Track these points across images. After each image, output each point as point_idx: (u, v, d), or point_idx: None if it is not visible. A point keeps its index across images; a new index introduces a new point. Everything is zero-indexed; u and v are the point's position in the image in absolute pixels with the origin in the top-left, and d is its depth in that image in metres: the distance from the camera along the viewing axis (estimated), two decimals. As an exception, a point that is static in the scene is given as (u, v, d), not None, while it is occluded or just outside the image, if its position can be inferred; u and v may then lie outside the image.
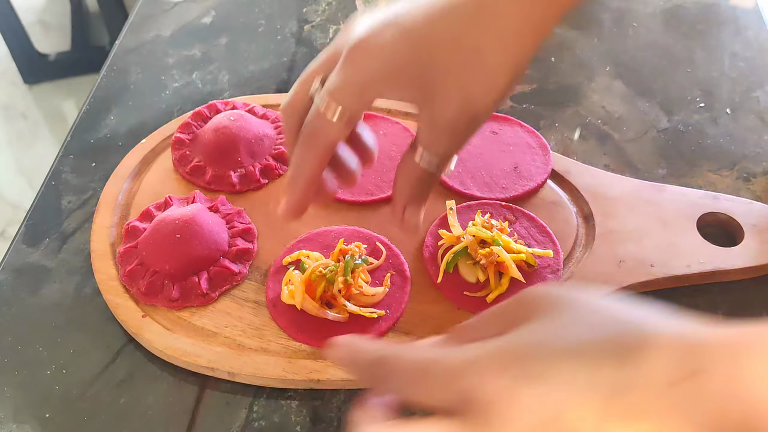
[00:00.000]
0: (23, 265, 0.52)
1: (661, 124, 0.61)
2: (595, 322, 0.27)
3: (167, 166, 0.57)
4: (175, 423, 0.43)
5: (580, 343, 0.26)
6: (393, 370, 0.29)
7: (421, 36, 0.35)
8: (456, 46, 0.35)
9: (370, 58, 0.36)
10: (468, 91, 0.36)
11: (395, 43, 0.35)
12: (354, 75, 0.36)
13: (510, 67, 0.36)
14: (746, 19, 0.72)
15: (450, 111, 0.36)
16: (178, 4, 0.78)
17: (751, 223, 0.51)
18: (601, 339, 0.26)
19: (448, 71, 0.36)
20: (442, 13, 0.35)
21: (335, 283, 0.45)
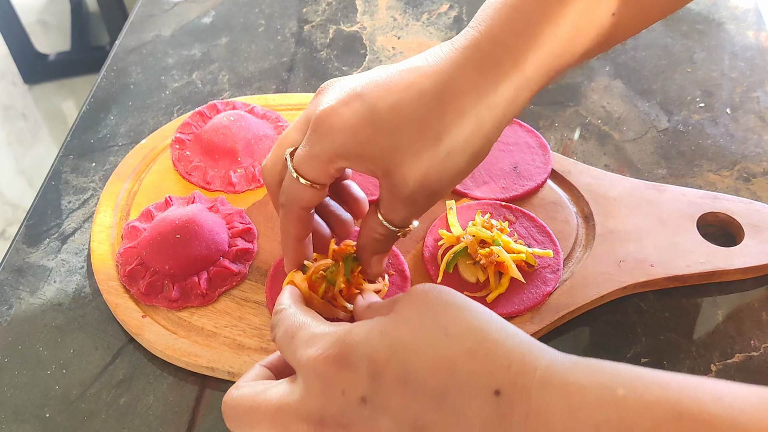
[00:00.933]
0: (23, 265, 0.52)
1: (661, 124, 0.61)
2: (427, 334, 0.31)
3: (167, 166, 0.57)
4: (175, 423, 0.43)
5: (401, 348, 0.31)
6: (279, 323, 0.36)
7: (383, 117, 0.36)
8: (416, 130, 0.36)
9: (332, 132, 0.37)
10: (425, 172, 0.37)
11: (358, 121, 0.37)
12: (318, 150, 0.38)
13: (469, 153, 0.37)
14: (746, 19, 0.72)
15: (408, 188, 0.38)
16: (178, 4, 0.78)
17: (751, 223, 0.51)
18: (432, 358, 0.30)
19: (407, 152, 0.37)
20: (406, 96, 0.37)
21: (336, 284, 0.45)
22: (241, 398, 0.34)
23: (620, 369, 0.28)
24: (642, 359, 0.45)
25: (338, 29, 0.74)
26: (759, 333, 0.46)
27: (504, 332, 0.31)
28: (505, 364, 0.29)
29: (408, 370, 0.30)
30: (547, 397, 0.28)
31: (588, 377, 0.28)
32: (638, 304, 0.48)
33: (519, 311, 0.46)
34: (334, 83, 0.39)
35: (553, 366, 0.29)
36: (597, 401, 0.27)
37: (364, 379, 0.30)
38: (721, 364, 0.45)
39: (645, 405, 0.26)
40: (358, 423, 0.30)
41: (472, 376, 0.29)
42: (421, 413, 0.29)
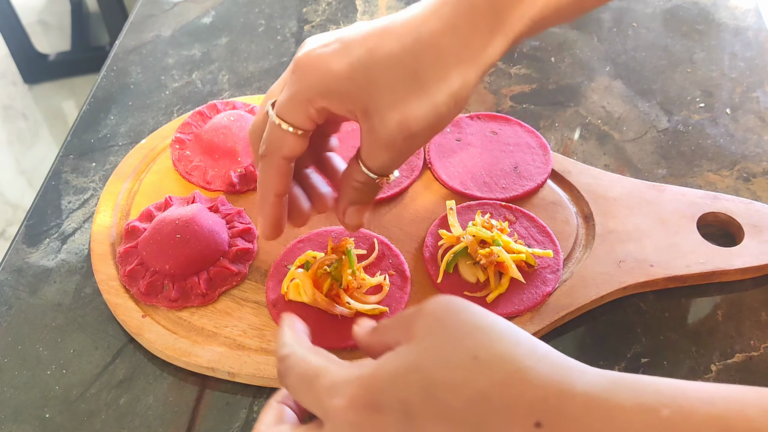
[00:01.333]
0: (23, 265, 0.52)
1: (661, 124, 0.61)
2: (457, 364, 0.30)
3: (167, 166, 0.57)
4: (175, 423, 0.43)
5: (432, 385, 0.29)
6: (289, 370, 0.34)
7: (361, 56, 0.37)
8: (394, 67, 0.36)
9: (311, 73, 0.37)
10: (405, 111, 0.37)
11: (336, 59, 0.37)
12: (296, 89, 0.38)
13: (449, 95, 0.37)
14: (746, 19, 0.72)
15: (387, 128, 0.37)
16: (178, 4, 0.78)
17: (751, 223, 0.51)
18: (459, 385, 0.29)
19: (386, 90, 0.37)
20: (383, 38, 0.37)
21: (344, 277, 0.45)
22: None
23: (661, 386, 0.27)
24: (642, 359, 0.45)
25: (338, 29, 0.74)
26: (759, 333, 0.46)
27: (535, 356, 0.30)
28: (541, 395, 0.28)
29: (442, 406, 0.29)
30: (590, 423, 0.27)
31: (630, 398, 0.27)
32: (638, 304, 0.48)
33: (519, 311, 0.46)
34: (316, 35, 0.40)
35: (591, 389, 0.28)
36: (642, 425, 0.26)
37: (399, 423, 0.29)
38: (721, 364, 0.45)
39: (692, 426, 0.26)
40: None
41: (509, 408, 0.28)
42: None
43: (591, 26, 0.73)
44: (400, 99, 0.37)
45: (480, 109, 0.63)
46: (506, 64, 0.68)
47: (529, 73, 0.67)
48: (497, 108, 0.63)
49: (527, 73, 0.67)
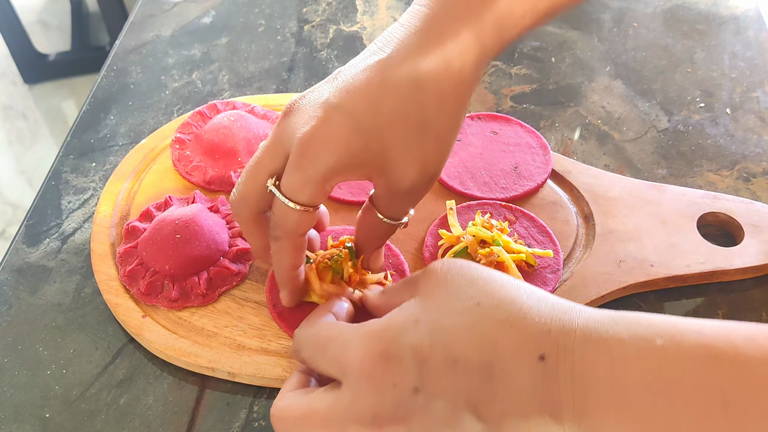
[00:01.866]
0: (23, 265, 0.52)
1: (661, 124, 0.61)
2: (461, 310, 0.32)
3: (167, 166, 0.57)
4: (175, 423, 0.43)
5: (440, 331, 0.32)
6: (302, 344, 0.36)
7: (368, 122, 0.36)
8: (402, 124, 0.37)
9: (323, 152, 0.36)
10: (422, 159, 0.38)
11: (346, 133, 0.36)
12: (311, 172, 0.37)
13: (454, 125, 0.38)
14: (746, 19, 0.72)
15: (408, 180, 0.38)
16: (178, 4, 0.78)
17: (751, 223, 0.51)
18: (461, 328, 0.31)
19: (399, 148, 0.37)
20: (381, 95, 0.36)
21: (345, 269, 0.45)
22: (289, 410, 0.34)
23: (656, 320, 0.29)
24: (642, 359, 0.45)
25: (338, 29, 0.74)
26: (759, 333, 0.46)
27: (535, 298, 0.32)
28: (545, 329, 0.30)
29: (452, 351, 0.31)
30: (589, 353, 0.29)
31: (626, 330, 0.29)
32: (638, 304, 0.48)
33: (519, 311, 0.46)
34: (301, 101, 0.39)
35: (590, 324, 0.30)
36: (637, 353, 0.28)
37: (412, 370, 0.31)
38: (721, 364, 0.45)
39: (683, 352, 0.28)
40: (414, 413, 0.31)
41: (514, 345, 0.30)
42: (472, 389, 0.30)
43: (591, 26, 0.73)
44: (416, 150, 0.37)
45: (480, 109, 0.63)
46: (506, 65, 0.68)
47: (529, 73, 0.67)
48: (497, 108, 0.63)
49: (527, 73, 0.67)
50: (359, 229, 0.44)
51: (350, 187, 0.54)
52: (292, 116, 0.38)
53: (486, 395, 0.30)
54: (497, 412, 0.30)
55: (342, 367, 0.33)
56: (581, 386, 0.29)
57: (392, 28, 0.38)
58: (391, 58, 0.37)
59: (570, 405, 0.29)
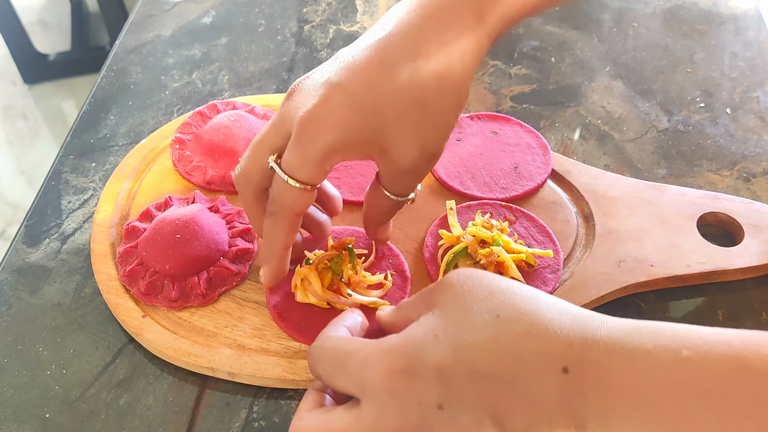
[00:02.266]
0: (23, 265, 0.52)
1: (661, 124, 0.61)
2: (481, 324, 0.31)
3: (167, 166, 0.57)
4: (175, 423, 0.43)
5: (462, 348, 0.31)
6: (318, 360, 0.35)
7: (367, 101, 0.37)
8: (401, 102, 0.37)
9: (323, 129, 0.37)
10: (421, 139, 0.38)
11: (345, 112, 0.37)
12: (311, 149, 0.37)
13: (455, 104, 0.38)
14: (746, 19, 0.72)
15: (409, 158, 0.38)
16: (178, 4, 0.78)
17: (751, 223, 0.51)
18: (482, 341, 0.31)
19: (399, 127, 0.37)
20: (380, 73, 0.37)
21: (345, 271, 0.45)
22: (309, 430, 0.33)
23: (680, 330, 0.29)
24: (642, 359, 0.45)
25: (338, 29, 0.74)
26: (759, 333, 0.46)
27: (555, 310, 0.31)
28: (567, 342, 0.30)
29: (475, 366, 0.31)
30: (615, 364, 0.29)
31: (651, 341, 0.29)
32: (638, 304, 0.48)
33: (519, 311, 0.46)
34: (304, 81, 0.39)
35: (613, 334, 0.30)
36: (664, 363, 0.28)
37: (435, 386, 0.31)
38: (721, 364, 0.45)
39: (711, 362, 0.27)
40: (439, 429, 0.30)
41: (537, 358, 0.30)
42: (497, 402, 0.30)
43: (591, 26, 0.73)
44: (414, 128, 0.37)
45: (480, 109, 0.63)
46: (506, 65, 0.68)
47: (529, 73, 0.67)
48: (497, 108, 0.63)
49: (527, 73, 0.67)
50: (367, 205, 0.44)
51: (350, 187, 0.54)
52: (295, 96, 0.39)
53: (510, 409, 0.30)
54: (522, 425, 0.30)
55: (362, 385, 0.32)
56: (607, 396, 0.29)
57: (395, 7, 0.38)
58: (391, 37, 0.37)
59: (596, 414, 0.29)
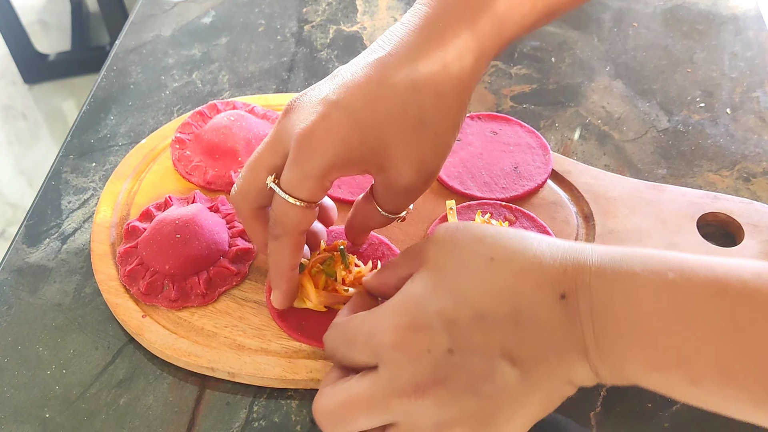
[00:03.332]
0: (23, 265, 0.52)
1: (661, 124, 0.61)
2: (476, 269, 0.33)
3: (167, 166, 0.57)
4: (175, 423, 0.43)
5: (461, 292, 0.32)
6: (334, 348, 0.37)
7: (366, 118, 0.37)
8: (400, 122, 0.37)
9: (321, 147, 0.37)
10: (419, 158, 0.38)
11: (344, 129, 0.37)
12: (310, 167, 0.37)
13: (453, 125, 0.39)
14: (746, 19, 0.72)
15: (406, 178, 0.39)
16: (178, 4, 0.78)
17: (751, 223, 0.51)
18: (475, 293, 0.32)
19: (397, 145, 0.37)
20: (380, 92, 0.37)
21: (338, 272, 0.45)
22: (329, 402, 0.34)
23: (667, 255, 0.31)
24: (642, 359, 0.45)
25: (338, 29, 0.74)
26: (759, 333, 0.46)
27: (545, 243, 0.33)
28: (560, 269, 0.31)
29: (477, 307, 0.32)
30: (605, 287, 0.30)
31: (639, 265, 0.30)
32: (638, 304, 0.48)
33: (519, 311, 0.46)
34: (302, 98, 0.39)
35: (604, 259, 0.31)
36: (650, 286, 0.30)
37: (442, 333, 0.32)
38: (721, 364, 0.45)
39: (694, 285, 0.29)
40: (452, 373, 0.31)
41: (535, 290, 0.31)
42: (504, 339, 0.31)
43: (591, 26, 0.73)
44: (413, 148, 0.38)
45: (480, 109, 0.63)
46: (506, 64, 0.68)
47: (529, 73, 0.67)
48: (497, 108, 0.63)
49: (527, 73, 0.67)
50: (355, 214, 0.44)
51: (350, 186, 0.54)
52: (292, 114, 0.38)
53: (517, 342, 0.31)
54: (530, 355, 0.31)
55: (374, 350, 0.33)
56: (599, 319, 0.30)
57: (393, 27, 0.38)
58: (391, 56, 0.37)
59: (591, 339, 0.31)
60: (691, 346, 0.29)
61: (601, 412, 0.42)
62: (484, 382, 0.31)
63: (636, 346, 0.30)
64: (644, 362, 0.30)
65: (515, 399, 0.32)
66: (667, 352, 0.29)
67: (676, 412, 0.42)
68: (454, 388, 0.31)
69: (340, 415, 0.34)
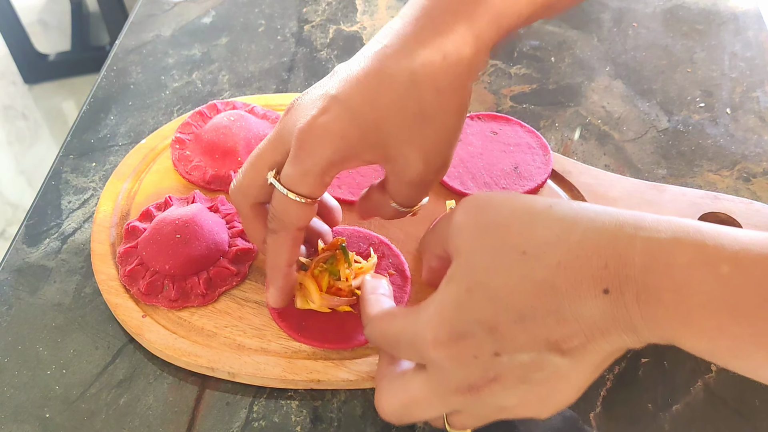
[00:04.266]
0: (23, 265, 0.52)
1: (661, 124, 0.61)
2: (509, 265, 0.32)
3: (167, 166, 0.57)
4: (175, 423, 0.43)
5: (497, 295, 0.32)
6: (376, 341, 0.37)
7: (366, 114, 0.37)
8: (400, 116, 0.37)
9: (321, 143, 0.37)
10: (424, 151, 0.38)
11: (343, 124, 0.37)
12: (310, 163, 0.37)
13: (456, 116, 0.38)
14: (746, 19, 0.72)
15: (414, 169, 0.38)
16: (178, 4, 0.78)
17: (751, 223, 0.51)
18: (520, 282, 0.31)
19: (399, 139, 0.37)
20: (379, 86, 0.37)
21: (341, 270, 0.45)
22: (392, 403, 0.36)
23: (724, 240, 0.29)
24: (642, 359, 0.45)
25: (338, 29, 0.74)
26: (759, 333, 0.46)
27: (580, 229, 0.31)
28: (601, 264, 0.30)
29: (516, 310, 0.31)
30: (653, 281, 0.29)
31: (690, 256, 0.29)
32: (638, 304, 0.48)
33: (519, 311, 0.46)
34: (303, 97, 0.39)
35: (651, 248, 0.29)
36: (702, 280, 0.28)
37: (486, 339, 0.31)
38: (721, 364, 0.45)
39: (750, 281, 0.27)
40: (503, 371, 0.32)
41: (575, 285, 0.30)
42: (548, 334, 0.31)
43: (591, 26, 0.73)
44: (416, 138, 0.37)
45: (480, 109, 0.63)
46: (506, 64, 0.68)
47: (529, 73, 0.67)
48: (497, 108, 0.63)
49: (527, 73, 0.67)
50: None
51: (350, 186, 0.54)
52: (294, 111, 0.39)
53: (563, 334, 0.31)
54: (578, 344, 0.31)
55: (420, 356, 0.34)
56: (648, 310, 0.29)
57: (392, 21, 0.39)
58: (388, 49, 0.37)
59: (640, 321, 0.30)
60: (747, 345, 0.28)
61: (601, 412, 0.42)
62: (535, 372, 0.32)
63: (690, 337, 0.29)
64: (700, 350, 0.30)
65: (568, 377, 0.32)
66: (722, 347, 0.29)
67: (677, 412, 0.42)
68: (507, 383, 0.32)
69: (404, 414, 0.35)
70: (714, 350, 0.29)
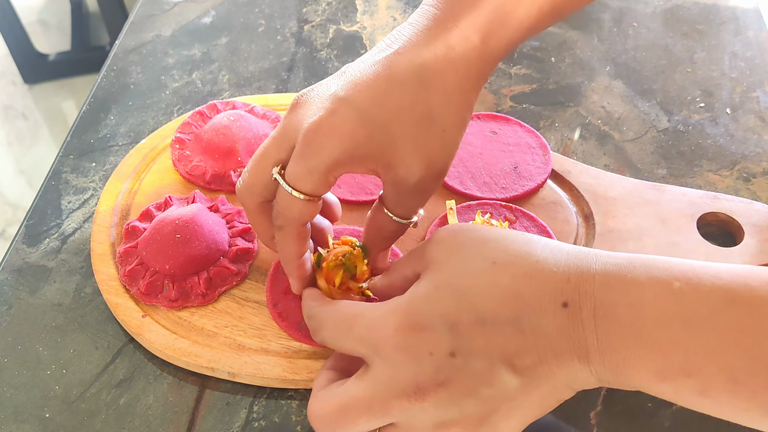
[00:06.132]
0: (23, 265, 0.52)
1: (661, 124, 0.61)
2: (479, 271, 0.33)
3: (167, 166, 0.57)
4: (175, 423, 0.43)
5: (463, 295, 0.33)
6: (321, 324, 0.37)
7: (374, 114, 0.37)
8: (408, 118, 0.37)
9: (328, 142, 0.37)
10: (427, 155, 0.38)
11: (351, 125, 0.37)
12: (315, 161, 0.37)
13: (461, 122, 0.39)
14: (746, 19, 0.72)
15: (416, 175, 0.38)
16: (178, 4, 0.78)
17: (751, 223, 0.51)
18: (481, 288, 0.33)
19: (405, 141, 0.37)
20: (388, 88, 0.37)
21: (359, 266, 0.44)
22: (326, 405, 0.34)
23: (673, 263, 0.30)
24: (642, 359, 0.45)
25: (338, 29, 0.74)
26: (759, 333, 0.46)
27: (549, 249, 0.33)
28: (564, 278, 0.31)
29: (479, 310, 0.32)
30: (610, 296, 0.30)
31: (644, 274, 0.30)
32: (638, 304, 0.48)
33: (519, 311, 0.46)
34: (309, 94, 0.39)
35: (608, 268, 0.31)
36: (656, 295, 0.30)
37: (444, 335, 0.32)
38: (721, 364, 0.45)
39: (700, 295, 0.29)
40: (453, 376, 0.32)
41: (537, 296, 0.31)
42: (505, 343, 0.31)
43: (591, 26, 0.73)
44: (422, 144, 0.38)
45: (480, 109, 0.63)
46: (506, 64, 0.68)
47: (529, 73, 0.67)
48: (497, 108, 0.63)
49: (527, 73, 0.67)
50: (369, 228, 0.44)
51: (350, 186, 0.54)
52: (300, 108, 0.39)
53: (518, 348, 0.31)
54: (530, 362, 0.31)
55: (372, 345, 0.33)
56: (603, 327, 0.30)
57: (401, 26, 0.39)
58: (398, 55, 0.37)
59: (594, 345, 0.31)
60: (699, 357, 0.28)
61: (602, 411, 0.42)
62: (483, 386, 0.32)
63: (642, 356, 0.30)
64: (651, 372, 0.30)
65: (513, 401, 0.32)
66: (675, 363, 0.29)
67: (677, 411, 0.42)
68: (454, 391, 0.32)
69: (338, 419, 0.34)
70: (664, 370, 0.29)
